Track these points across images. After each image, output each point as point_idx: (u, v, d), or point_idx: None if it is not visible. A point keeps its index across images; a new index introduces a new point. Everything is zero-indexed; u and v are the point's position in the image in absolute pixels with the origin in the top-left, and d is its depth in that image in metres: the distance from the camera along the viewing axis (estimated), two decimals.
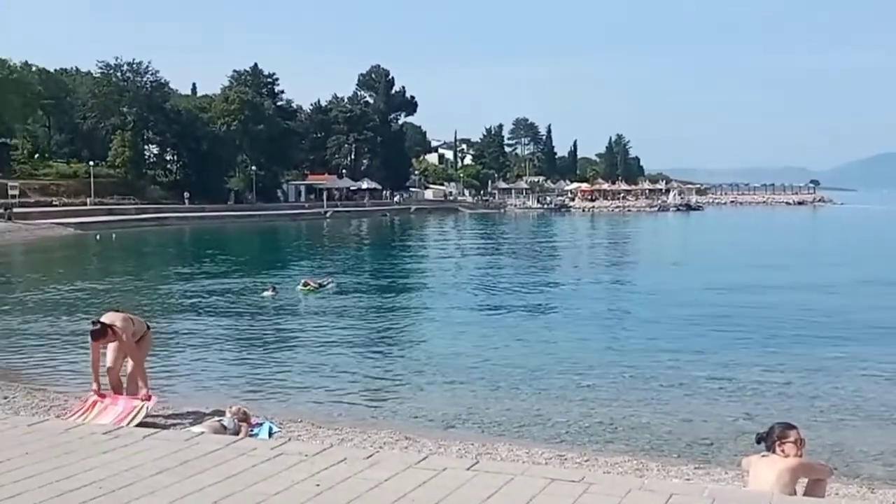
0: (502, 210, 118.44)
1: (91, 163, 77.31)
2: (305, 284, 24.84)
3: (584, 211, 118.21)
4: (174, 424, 8.80)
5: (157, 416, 9.59)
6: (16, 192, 66.20)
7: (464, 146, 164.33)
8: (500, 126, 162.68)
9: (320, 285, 25.08)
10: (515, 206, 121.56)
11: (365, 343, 16.67)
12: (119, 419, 8.59)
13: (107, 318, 9.29)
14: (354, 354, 15.25)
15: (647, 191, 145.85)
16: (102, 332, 9.08)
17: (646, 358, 14.29)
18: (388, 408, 11.27)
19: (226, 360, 14.97)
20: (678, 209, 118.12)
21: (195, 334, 17.69)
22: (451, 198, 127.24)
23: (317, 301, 23.04)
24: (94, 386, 9.32)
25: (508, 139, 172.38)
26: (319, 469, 4.41)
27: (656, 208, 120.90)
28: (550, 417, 10.38)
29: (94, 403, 9.22)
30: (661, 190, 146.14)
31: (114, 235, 52.38)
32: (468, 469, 4.26)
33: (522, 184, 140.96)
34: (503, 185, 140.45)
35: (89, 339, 9.19)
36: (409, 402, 11.49)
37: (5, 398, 10.34)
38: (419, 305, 23.14)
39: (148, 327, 9.92)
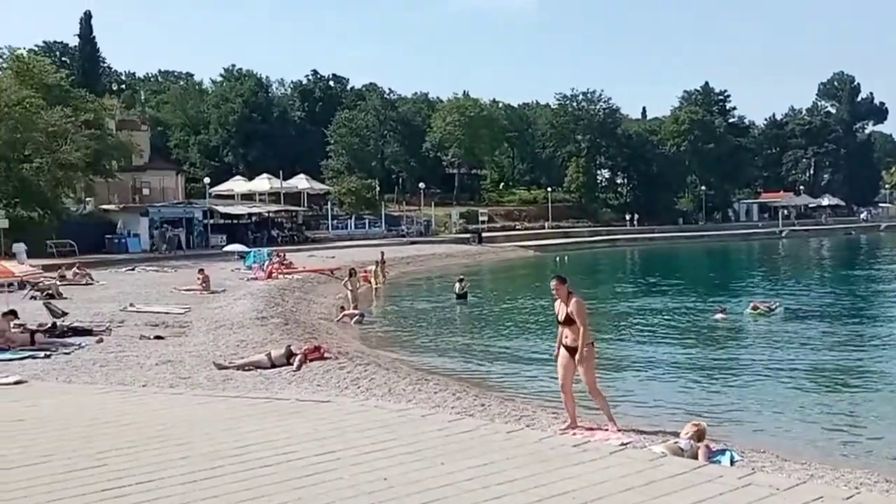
0: None
1: (549, 189, 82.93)
2: (755, 308, 23.85)
3: None
4: (630, 443, 8.96)
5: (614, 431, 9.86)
6: (485, 217, 73.68)
7: None
8: None
9: (769, 309, 23.86)
10: None
11: (818, 373, 15.49)
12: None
13: None
14: (811, 385, 14.25)
15: None
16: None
17: None
18: (862, 445, 10.27)
19: (677, 380, 14.94)
20: None
21: (645, 353, 17.94)
22: None
23: (766, 326, 22.03)
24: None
25: None
26: None
27: None
28: None
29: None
30: None
31: (566, 257, 55.35)
32: None
33: None
34: None
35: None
36: (884, 442, 10.35)
37: (482, 405, 11.45)
38: (881, 336, 20.69)
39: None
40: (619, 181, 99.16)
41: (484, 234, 64.41)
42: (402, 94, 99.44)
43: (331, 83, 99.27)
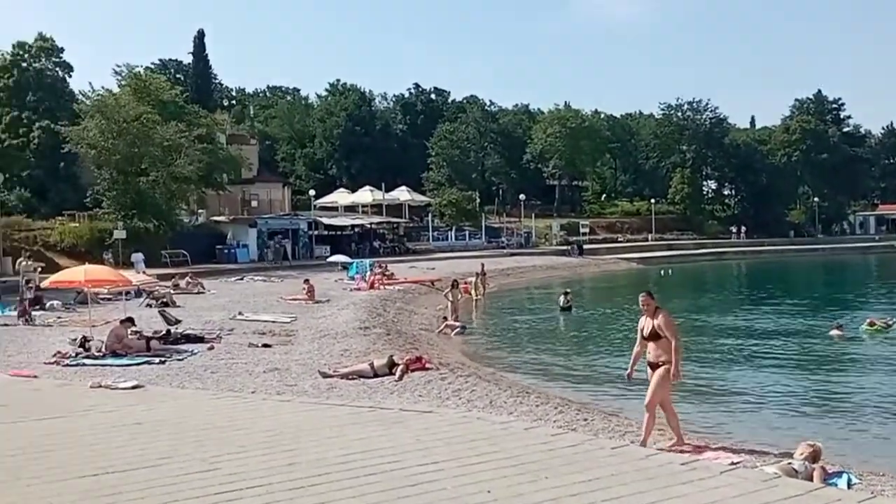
0: None
1: (652, 200, 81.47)
2: (871, 324, 22.79)
3: None
4: (741, 463, 8.68)
5: (722, 449, 9.58)
6: (586, 229, 72.98)
7: None
8: None
9: (887, 325, 22.75)
10: None
11: None
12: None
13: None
14: None
15: None
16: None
17: None
18: None
19: (790, 398, 14.39)
20: None
21: (755, 370, 17.41)
22: None
23: (883, 343, 20.97)
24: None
25: None
26: None
27: None
28: None
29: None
30: None
31: (670, 270, 54.17)
32: None
33: None
34: None
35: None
36: None
37: (585, 420, 11.32)
38: None
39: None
40: (725, 192, 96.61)
41: (585, 246, 63.76)
42: (503, 106, 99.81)
43: (432, 96, 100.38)
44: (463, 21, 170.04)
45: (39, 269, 28.45)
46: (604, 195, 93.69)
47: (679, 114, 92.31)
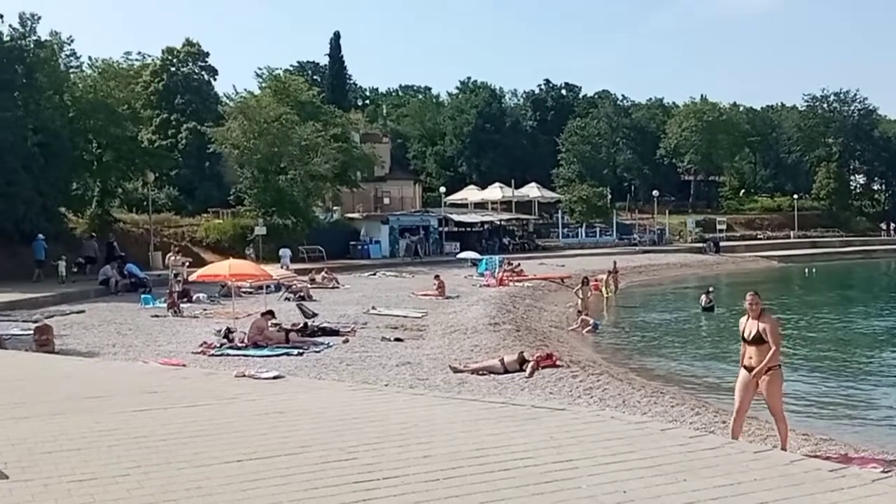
0: None
1: (794, 196, 77.92)
2: None
3: None
4: (894, 471, 8.18)
5: (868, 459, 9.08)
6: (723, 226, 70.58)
7: None
8: None
9: None
10: None
11: None
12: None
13: None
14: None
15: None
16: None
17: None
18: None
19: None
20: None
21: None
22: None
23: None
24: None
25: None
26: None
27: None
28: None
29: None
30: None
31: (814, 269, 51.63)
32: None
33: None
34: None
35: None
36: None
37: (723, 423, 10.92)
38: None
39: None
40: (875, 187, 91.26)
41: (722, 244, 61.67)
42: (636, 101, 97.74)
43: (563, 91, 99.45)
44: (593, 14, 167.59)
45: (187, 264, 30.02)
46: (742, 190, 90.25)
47: (825, 105, 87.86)
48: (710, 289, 30.15)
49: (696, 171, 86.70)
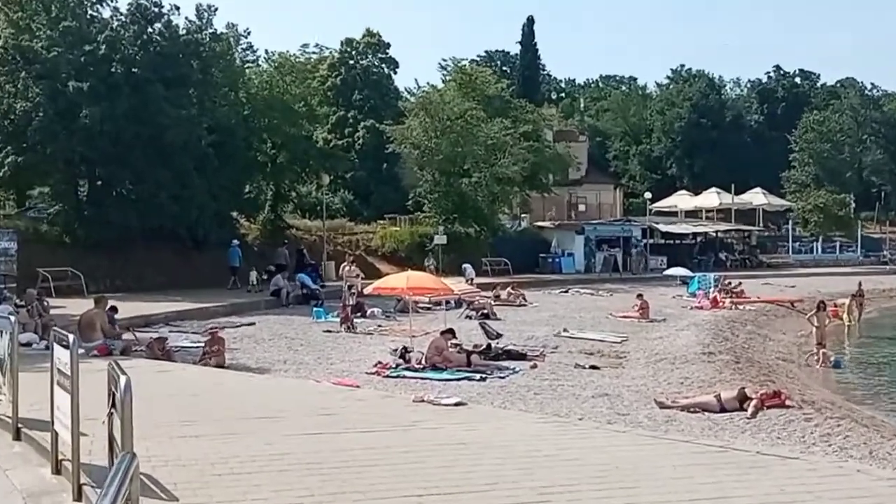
0: None
1: None
2: None
3: None
4: None
5: None
6: None
7: None
8: None
9: None
10: None
11: None
12: None
13: None
14: None
15: None
16: None
17: None
18: None
19: None
20: None
21: None
22: None
23: None
24: None
25: None
26: None
27: None
28: None
29: None
30: None
31: None
32: None
33: None
34: None
35: None
36: None
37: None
38: None
39: None
40: None
41: None
42: (887, 90, 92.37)
43: (797, 80, 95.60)
44: None
45: (362, 276, 31.09)
46: None
47: None
48: None
49: None
